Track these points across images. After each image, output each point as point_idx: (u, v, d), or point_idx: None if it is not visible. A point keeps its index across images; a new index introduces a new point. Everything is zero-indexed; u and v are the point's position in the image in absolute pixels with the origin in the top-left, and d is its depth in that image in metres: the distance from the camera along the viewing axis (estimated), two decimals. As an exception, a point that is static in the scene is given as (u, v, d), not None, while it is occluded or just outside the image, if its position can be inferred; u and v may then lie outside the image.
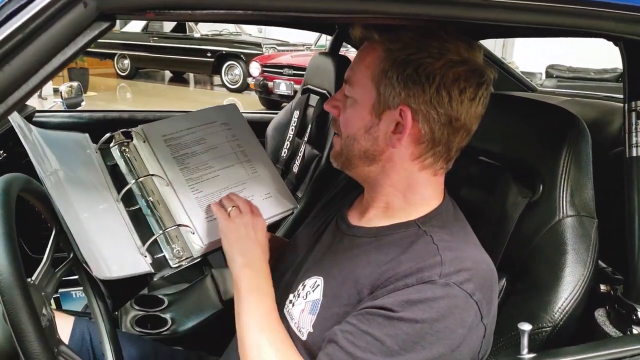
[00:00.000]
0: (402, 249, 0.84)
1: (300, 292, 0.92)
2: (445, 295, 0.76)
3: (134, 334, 1.52)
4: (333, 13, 0.68)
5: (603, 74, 6.93)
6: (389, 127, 0.86)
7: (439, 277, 0.77)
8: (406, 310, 0.75)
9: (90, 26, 0.56)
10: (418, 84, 0.82)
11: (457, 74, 0.82)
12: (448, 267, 0.78)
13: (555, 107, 1.10)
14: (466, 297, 0.77)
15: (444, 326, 0.75)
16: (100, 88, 11.29)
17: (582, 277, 0.96)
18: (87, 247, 0.97)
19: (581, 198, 1.02)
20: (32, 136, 1.04)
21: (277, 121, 2.47)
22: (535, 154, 1.07)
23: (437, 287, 0.77)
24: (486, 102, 0.87)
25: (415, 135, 0.85)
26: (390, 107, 0.85)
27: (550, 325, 0.94)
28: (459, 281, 0.77)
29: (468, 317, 0.77)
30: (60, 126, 2.22)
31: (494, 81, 0.89)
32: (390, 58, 0.84)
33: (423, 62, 0.82)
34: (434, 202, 0.91)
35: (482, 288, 0.79)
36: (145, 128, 1.17)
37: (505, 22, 0.82)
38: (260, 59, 9.13)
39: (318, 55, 2.33)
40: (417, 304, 0.76)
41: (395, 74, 0.84)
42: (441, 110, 0.83)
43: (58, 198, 0.97)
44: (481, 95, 0.85)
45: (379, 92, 0.86)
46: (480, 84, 0.85)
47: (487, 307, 0.80)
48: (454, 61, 0.83)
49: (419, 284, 0.77)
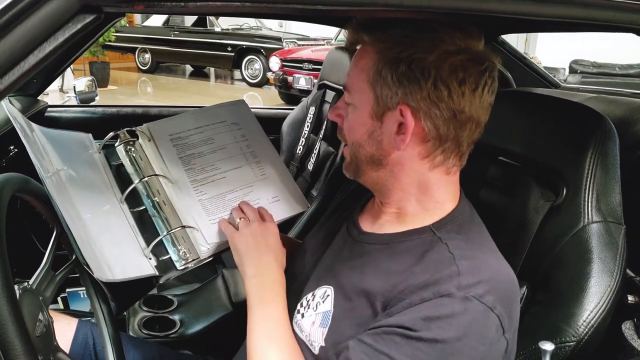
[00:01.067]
0: (416, 258, 0.80)
1: (310, 302, 0.89)
2: (465, 311, 0.72)
3: (140, 337, 1.50)
4: (336, 5, 0.63)
5: (628, 69, 6.74)
6: (391, 128, 0.82)
7: (457, 289, 0.73)
8: (425, 329, 0.71)
9: (73, 19, 0.52)
10: (413, 80, 0.78)
11: (453, 65, 0.77)
12: (466, 279, 0.74)
13: (580, 106, 1.04)
14: (487, 311, 0.73)
15: (464, 344, 0.71)
16: (121, 82, 11.39)
17: (608, 288, 0.90)
18: (88, 249, 0.93)
19: (608, 203, 0.96)
20: (33, 135, 1.01)
21: (293, 117, 2.43)
22: (558, 155, 1.01)
23: (455, 302, 0.72)
24: (493, 90, 0.82)
25: (420, 133, 0.81)
26: (389, 108, 0.81)
27: (575, 340, 0.88)
28: (478, 294, 0.73)
29: (489, 333, 0.73)
30: (73, 121, 2.21)
31: (515, 78, 0.83)
32: (383, 58, 0.80)
33: (415, 58, 0.78)
34: (449, 205, 0.86)
35: (502, 300, 0.75)
36: (151, 127, 1.14)
37: (526, 16, 0.77)
38: (280, 54, 9.11)
39: (334, 50, 2.28)
40: (436, 321, 0.71)
41: (389, 74, 0.80)
42: (442, 105, 0.78)
43: (59, 199, 0.94)
44: (484, 84, 0.80)
45: (376, 95, 0.82)
46: (482, 71, 0.79)
47: (509, 321, 0.75)
48: (448, 52, 0.78)
49: (436, 297, 0.73)
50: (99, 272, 0.92)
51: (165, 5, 0.55)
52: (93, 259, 0.93)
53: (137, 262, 1.01)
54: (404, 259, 0.81)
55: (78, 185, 1.02)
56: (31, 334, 0.80)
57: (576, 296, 0.90)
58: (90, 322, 1.20)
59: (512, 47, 2.23)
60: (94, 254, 0.94)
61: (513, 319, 0.77)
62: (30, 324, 0.82)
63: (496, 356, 0.75)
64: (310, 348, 0.84)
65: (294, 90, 8.52)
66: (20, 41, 0.47)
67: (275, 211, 1.10)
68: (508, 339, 0.75)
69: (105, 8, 0.54)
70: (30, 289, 0.88)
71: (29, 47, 0.48)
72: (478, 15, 0.72)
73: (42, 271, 0.93)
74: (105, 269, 0.94)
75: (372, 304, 0.80)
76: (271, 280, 0.93)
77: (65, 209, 0.94)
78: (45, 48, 0.50)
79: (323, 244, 0.99)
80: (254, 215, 1.01)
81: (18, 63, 0.48)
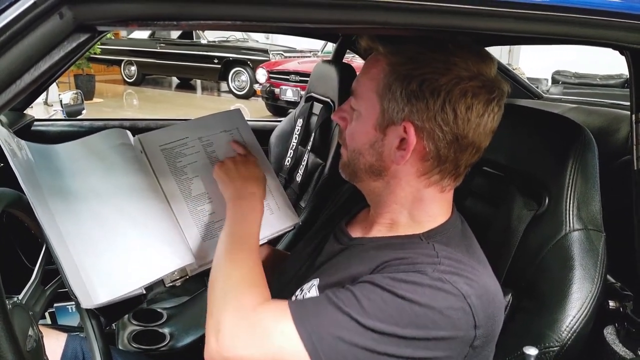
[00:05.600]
0: (402, 249, 0.82)
1: (297, 296, 0.89)
2: (434, 286, 0.73)
3: (130, 350, 1.49)
4: (324, 24, 0.65)
5: (609, 79, 6.88)
6: (393, 142, 0.83)
7: (432, 271, 0.75)
8: (391, 286, 0.73)
9: (68, 38, 0.53)
10: (422, 100, 0.79)
11: (464, 90, 0.78)
12: (444, 267, 0.76)
13: (561, 117, 1.07)
14: (458, 295, 0.73)
15: (424, 313, 0.71)
16: (107, 94, 11.34)
17: (590, 294, 0.93)
18: (74, 273, 0.91)
19: (588, 211, 0.99)
20: (22, 153, 0.98)
21: (281, 129, 2.45)
22: (540, 166, 1.04)
23: (427, 278, 0.74)
24: (498, 117, 0.83)
25: (421, 152, 0.82)
26: (394, 122, 0.82)
27: (558, 345, 0.90)
28: (453, 280, 0.74)
29: (455, 316, 0.72)
30: (59, 135, 2.20)
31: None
32: (394, 72, 0.81)
33: (427, 78, 0.78)
34: (440, 219, 0.88)
35: (481, 297, 0.75)
36: (142, 138, 1.11)
37: (511, 32, 0.79)
38: (267, 66, 9.13)
39: (321, 63, 2.30)
40: (403, 282, 0.73)
41: (399, 89, 0.80)
42: (446, 129, 0.79)
43: (44, 218, 0.91)
44: (491, 111, 0.81)
45: (383, 107, 0.83)
46: (491, 100, 0.81)
47: (485, 320, 0.75)
48: (461, 77, 0.78)
49: (411, 271, 0.75)
50: (85, 300, 0.90)
51: (158, 24, 0.57)
52: (78, 284, 0.91)
53: (125, 280, 0.99)
54: (391, 251, 0.82)
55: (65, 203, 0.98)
56: (22, 349, 0.80)
57: (559, 302, 0.93)
58: (79, 336, 1.20)
59: (496, 58, 2.27)
60: (80, 278, 0.91)
61: (492, 320, 0.77)
62: (21, 338, 0.82)
63: (459, 345, 0.74)
64: None
65: (281, 102, 8.54)
66: (16, 60, 0.49)
67: (268, 224, 1.10)
68: (479, 335, 0.75)
69: (100, 27, 0.55)
70: (20, 304, 0.88)
71: (25, 65, 0.50)
72: (462, 32, 0.75)
73: (31, 286, 0.93)
74: (91, 294, 0.91)
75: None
76: (251, 206, 0.98)
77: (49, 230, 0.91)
78: (41, 66, 0.51)
79: (314, 253, 1.00)
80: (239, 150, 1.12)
81: (14, 81, 0.49)
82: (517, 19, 0.74)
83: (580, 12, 0.76)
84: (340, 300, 0.74)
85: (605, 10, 0.77)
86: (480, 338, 0.75)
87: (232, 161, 1.06)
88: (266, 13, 0.59)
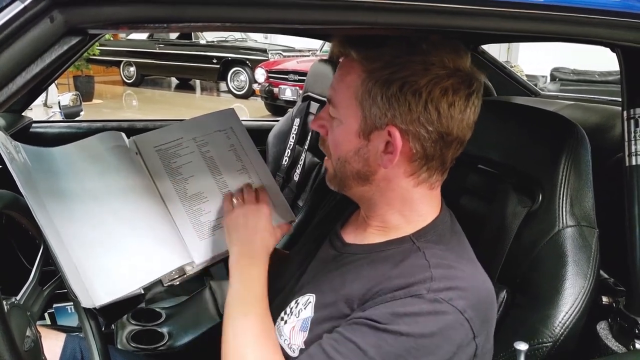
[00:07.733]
0: (394, 264, 0.82)
1: (293, 309, 0.90)
2: (433, 311, 0.74)
3: (128, 350, 1.50)
4: (314, 24, 0.65)
5: (607, 76, 6.86)
6: (378, 147, 0.83)
7: (427, 292, 0.75)
8: (392, 323, 0.74)
9: (59, 42, 0.54)
10: (403, 103, 0.79)
11: (444, 89, 0.79)
12: (437, 284, 0.76)
13: (554, 115, 1.08)
14: (455, 313, 0.75)
15: (429, 342, 0.73)
16: (106, 95, 11.35)
17: (582, 290, 0.93)
18: (73, 273, 0.92)
19: (581, 207, 0.99)
20: (19, 156, 0.99)
21: (278, 129, 2.46)
22: (534, 163, 1.04)
23: (424, 302, 0.74)
24: (478, 110, 0.84)
25: (407, 153, 0.82)
26: (377, 127, 0.82)
27: (551, 341, 0.91)
28: (448, 297, 0.75)
29: (457, 335, 0.75)
30: (58, 137, 2.20)
31: (497, 86, 0.86)
32: (372, 77, 0.81)
33: (408, 81, 0.79)
34: (430, 216, 0.88)
35: (474, 306, 0.77)
36: (137, 139, 1.12)
37: (502, 31, 0.80)
38: (266, 65, 9.14)
39: (318, 62, 2.31)
40: (403, 317, 0.74)
41: (379, 94, 0.80)
42: (431, 128, 0.80)
43: (42, 220, 0.92)
44: (472, 105, 0.82)
45: (364, 114, 0.82)
46: (470, 93, 0.81)
47: (481, 326, 0.77)
48: (440, 75, 0.79)
49: (407, 297, 0.76)
50: (85, 300, 0.91)
51: (148, 26, 0.58)
52: (78, 284, 0.91)
53: (125, 280, 1.00)
54: (383, 266, 0.83)
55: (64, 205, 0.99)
56: (20, 349, 0.80)
57: (552, 298, 0.93)
58: (78, 336, 1.20)
59: (493, 56, 2.27)
60: (79, 279, 0.92)
61: (487, 324, 0.79)
62: (19, 339, 0.83)
63: (464, 359, 0.76)
64: (289, 352, 0.85)
65: (280, 101, 8.54)
66: (7, 64, 0.49)
67: None
68: (478, 343, 0.77)
69: (91, 30, 0.56)
70: (18, 304, 0.89)
71: (16, 69, 0.50)
72: (451, 31, 0.75)
73: (29, 287, 0.94)
74: (91, 295, 0.92)
75: (350, 307, 0.82)
76: (257, 259, 0.95)
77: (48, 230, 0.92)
78: (33, 69, 0.52)
79: (308, 257, 1.01)
80: (249, 197, 1.04)
81: (6, 85, 0.50)
82: (507, 17, 0.75)
83: (570, 10, 0.77)
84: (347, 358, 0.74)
85: (593, 8, 0.77)
86: (480, 345, 0.78)
87: (242, 211, 1.01)
88: (256, 15, 0.60)
